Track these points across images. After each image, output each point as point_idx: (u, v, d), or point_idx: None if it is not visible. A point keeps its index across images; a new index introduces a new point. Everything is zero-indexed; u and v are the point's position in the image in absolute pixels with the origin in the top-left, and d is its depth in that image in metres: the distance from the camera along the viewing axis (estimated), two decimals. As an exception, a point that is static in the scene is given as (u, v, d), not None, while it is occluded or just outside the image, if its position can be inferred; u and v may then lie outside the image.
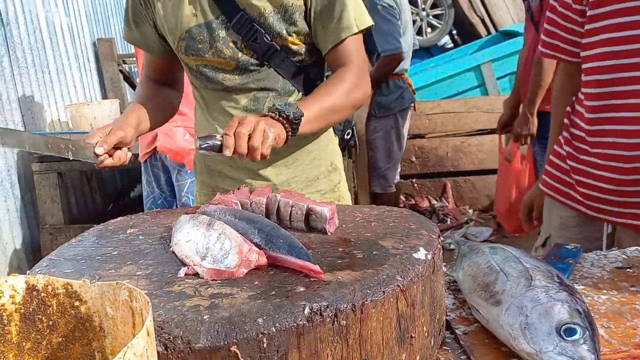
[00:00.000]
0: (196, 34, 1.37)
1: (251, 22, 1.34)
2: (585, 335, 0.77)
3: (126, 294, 0.62)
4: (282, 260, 0.80)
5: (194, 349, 0.64)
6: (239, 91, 1.43)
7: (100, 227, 1.05)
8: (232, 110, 1.45)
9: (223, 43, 1.37)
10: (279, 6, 1.34)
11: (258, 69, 1.40)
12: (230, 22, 1.35)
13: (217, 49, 1.37)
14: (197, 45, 1.38)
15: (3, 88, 3.67)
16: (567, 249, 1.20)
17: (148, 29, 1.46)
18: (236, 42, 1.37)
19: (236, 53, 1.38)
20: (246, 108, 1.44)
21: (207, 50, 1.38)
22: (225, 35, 1.37)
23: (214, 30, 1.36)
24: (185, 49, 1.40)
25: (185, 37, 1.38)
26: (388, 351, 0.73)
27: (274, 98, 1.43)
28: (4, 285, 0.66)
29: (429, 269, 0.81)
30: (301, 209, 0.95)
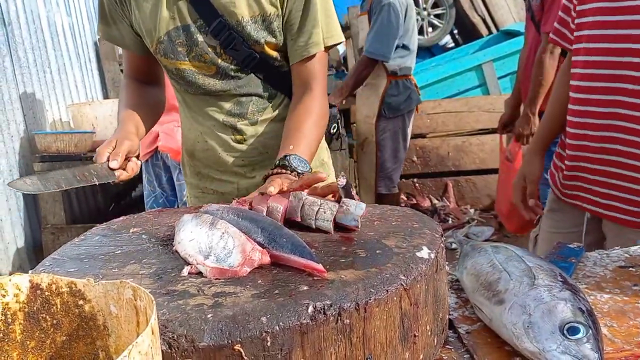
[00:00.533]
0: (175, 37, 1.35)
1: (229, 29, 1.33)
2: (588, 334, 0.77)
3: (130, 293, 0.62)
4: (285, 259, 0.80)
5: (198, 347, 0.64)
6: (221, 96, 1.42)
7: (103, 227, 1.05)
8: (216, 114, 1.44)
9: (202, 47, 1.36)
10: (257, 15, 1.33)
11: (239, 75, 1.39)
12: (209, 28, 1.33)
13: (197, 53, 1.36)
14: (177, 49, 1.36)
15: (5, 88, 3.67)
16: (570, 247, 1.20)
17: (124, 27, 1.43)
18: (215, 47, 1.36)
19: (215, 58, 1.37)
20: (230, 112, 1.43)
21: (186, 53, 1.37)
22: (203, 40, 1.35)
23: (192, 34, 1.35)
24: (164, 52, 1.38)
25: (163, 40, 1.36)
26: (391, 350, 0.73)
27: (257, 101, 1.43)
28: (8, 284, 0.66)
29: (432, 267, 0.81)
30: (331, 209, 0.92)
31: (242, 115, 1.43)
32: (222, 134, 1.45)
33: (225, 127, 1.45)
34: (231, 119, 1.44)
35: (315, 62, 1.38)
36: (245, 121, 1.44)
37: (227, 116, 1.43)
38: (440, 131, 4.70)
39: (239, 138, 1.46)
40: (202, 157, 1.52)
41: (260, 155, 1.47)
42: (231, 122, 1.44)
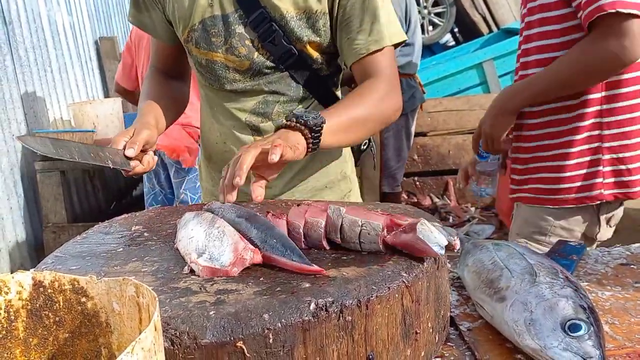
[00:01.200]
0: (210, 26, 1.28)
1: (271, 21, 1.25)
2: (590, 331, 0.77)
3: (133, 290, 0.62)
4: (276, 260, 0.79)
5: (200, 344, 0.64)
6: (248, 93, 1.34)
7: (105, 224, 1.06)
8: (238, 112, 1.36)
9: (239, 40, 1.28)
10: (303, 11, 1.26)
11: (272, 72, 1.32)
12: (248, 19, 1.26)
13: (232, 46, 1.28)
14: (211, 39, 1.29)
15: (6, 87, 3.67)
16: (571, 245, 1.20)
17: (157, 13, 1.36)
18: (253, 40, 1.28)
19: (252, 52, 1.29)
20: (254, 111, 1.35)
21: (220, 45, 1.29)
22: (242, 31, 1.27)
23: (230, 24, 1.27)
24: (197, 40, 1.30)
25: (197, 28, 1.29)
26: (393, 347, 0.73)
27: (284, 103, 1.34)
28: (11, 281, 0.66)
29: (434, 265, 0.81)
30: (375, 228, 0.81)
31: (266, 116, 1.35)
32: (243, 134, 1.37)
33: (246, 127, 1.36)
34: (254, 118, 1.35)
35: (379, 59, 1.26)
36: (268, 122, 1.35)
37: (251, 115, 1.35)
38: (441, 129, 4.70)
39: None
40: (219, 160, 1.43)
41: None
42: (254, 121, 1.35)
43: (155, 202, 3.07)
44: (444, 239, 0.77)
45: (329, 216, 0.85)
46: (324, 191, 1.42)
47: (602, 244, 1.48)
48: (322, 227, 0.84)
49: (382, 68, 1.26)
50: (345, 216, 0.83)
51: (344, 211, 0.84)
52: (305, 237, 0.86)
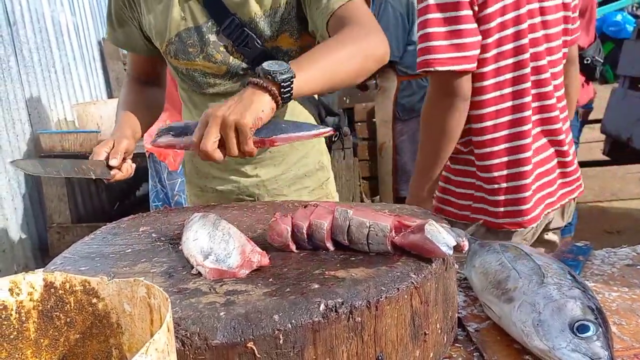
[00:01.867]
0: (186, 38, 1.35)
1: (242, 26, 1.32)
2: (598, 332, 0.77)
3: (144, 291, 0.62)
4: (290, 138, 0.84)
5: (211, 345, 0.64)
6: (229, 94, 1.38)
7: (113, 225, 1.06)
8: None
9: (214, 47, 1.35)
10: (270, 8, 1.32)
11: (248, 73, 1.38)
12: (220, 27, 1.33)
13: (208, 53, 1.35)
14: (188, 49, 1.36)
15: (10, 87, 3.68)
16: (577, 246, 1.20)
17: (132, 29, 1.43)
18: (227, 46, 1.35)
19: (227, 57, 1.36)
20: None
21: (197, 54, 1.36)
22: (215, 39, 1.34)
23: (204, 34, 1.34)
24: (175, 52, 1.37)
25: (174, 41, 1.36)
26: (402, 348, 0.73)
27: None
28: (22, 282, 0.67)
29: (442, 266, 0.81)
30: (382, 230, 0.81)
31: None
32: None
33: None
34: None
35: (348, 12, 1.20)
36: None
37: None
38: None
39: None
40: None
41: (262, 153, 1.46)
42: None
43: (158, 200, 3.11)
44: (452, 240, 0.78)
45: (336, 218, 0.85)
46: (303, 179, 1.53)
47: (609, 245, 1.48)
48: (324, 229, 0.84)
49: (356, 17, 1.19)
50: (353, 218, 0.83)
51: (351, 213, 0.84)
52: (310, 238, 0.86)
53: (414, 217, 0.87)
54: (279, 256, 0.84)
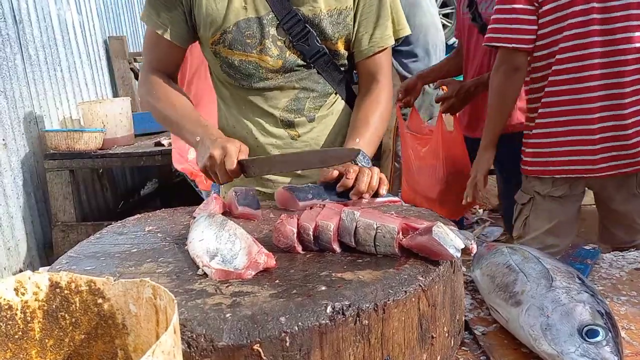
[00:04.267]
0: (245, 28, 1.32)
1: (304, 22, 1.31)
2: (607, 336, 0.76)
3: (150, 292, 0.61)
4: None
5: (217, 347, 0.64)
6: (280, 90, 1.39)
7: (119, 225, 1.06)
8: (271, 109, 1.40)
9: (272, 41, 1.33)
10: (335, 8, 1.33)
11: (302, 70, 1.38)
12: (282, 20, 1.31)
13: (265, 46, 1.33)
14: (245, 40, 1.32)
15: (16, 85, 3.69)
16: (585, 249, 1.19)
17: (178, 14, 1.36)
18: (284, 41, 1.34)
19: (284, 52, 1.34)
20: (287, 108, 1.40)
21: (255, 46, 1.33)
22: (274, 33, 1.33)
23: (264, 26, 1.32)
24: (230, 42, 1.33)
25: (231, 30, 1.32)
26: (409, 351, 0.73)
27: (314, 98, 1.41)
28: (28, 282, 0.66)
29: (450, 269, 0.80)
30: (390, 232, 0.81)
31: (299, 112, 1.41)
32: (276, 129, 1.42)
33: (281, 122, 1.42)
34: (288, 114, 1.41)
35: (384, 54, 1.41)
36: (302, 117, 1.42)
37: (284, 112, 1.41)
38: (449, 131, 4.67)
39: (293, 134, 1.43)
40: (249, 155, 1.42)
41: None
42: (288, 117, 1.41)
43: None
44: (460, 242, 0.77)
45: (343, 219, 0.84)
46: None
47: (616, 249, 1.47)
48: (331, 231, 0.84)
49: (384, 65, 1.43)
50: (360, 219, 0.83)
51: (358, 215, 0.83)
52: (316, 239, 0.85)
53: (421, 219, 0.86)
54: (285, 257, 0.84)
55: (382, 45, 1.38)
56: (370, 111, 1.38)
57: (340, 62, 1.41)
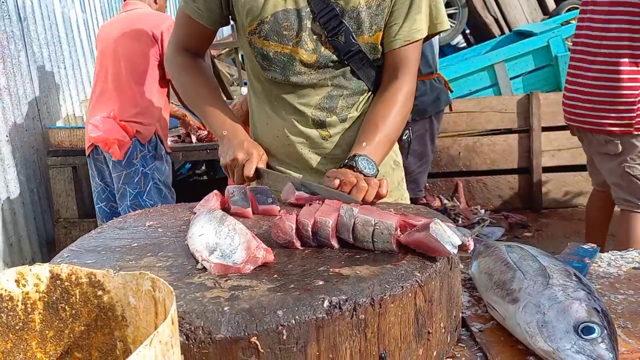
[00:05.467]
0: (283, 20, 1.30)
1: (340, 16, 1.29)
2: (603, 334, 0.77)
3: (149, 284, 0.62)
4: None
5: (215, 339, 0.65)
6: (313, 87, 1.37)
7: (120, 220, 1.06)
8: (303, 107, 1.37)
9: (308, 34, 1.31)
10: (373, 0, 1.30)
11: (336, 66, 1.35)
12: (319, 14, 1.29)
13: (302, 39, 1.31)
14: (282, 32, 1.30)
15: (20, 82, 3.70)
16: (584, 248, 1.19)
17: (214, 1, 1.35)
18: (320, 35, 1.31)
19: (319, 47, 1.32)
20: (319, 106, 1.37)
21: (291, 38, 1.31)
22: (311, 26, 1.31)
23: (302, 18, 1.30)
24: (267, 33, 1.31)
25: (269, 21, 1.30)
26: (406, 346, 0.73)
27: (347, 96, 1.38)
28: (29, 273, 0.67)
29: (447, 265, 0.81)
30: (388, 228, 0.82)
31: (331, 110, 1.38)
32: (307, 128, 1.39)
33: (312, 121, 1.38)
34: (319, 112, 1.38)
35: (412, 48, 1.35)
36: (334, 117, 1.38)
37: (316, 110, 1.38)
38: (451, 131, 4.68)
39: (324, 134, 1.39)
40: (280, 153, 1.43)
41: (344, 153, 1.38)
42: (319, 116, 1.38)
43: (100, 200, 3.11)
44: (457, 239, 0.78)
45: (341, 216, 0.85)
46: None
47: (615, 248, 1.48)
48: (330, 227, 0.84)
49: (412, 61, 1.37)
50: (358, 216, 0.83)
51: (356, 211, 0.84)
52: (314, 235, 0.86)
53: (419, 216, 0.87)
54: (284, 253, 0.84)
55: (409, 39, 1.32)
56: (383, 113, 1.33)
57: (376, 57, 1.37)
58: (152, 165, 2.93)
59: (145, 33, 2.86)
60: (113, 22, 3.17)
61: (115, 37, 2.92)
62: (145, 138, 2.88)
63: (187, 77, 1.44)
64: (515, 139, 4.57)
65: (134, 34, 2.86)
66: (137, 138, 2.87)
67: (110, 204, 3.07)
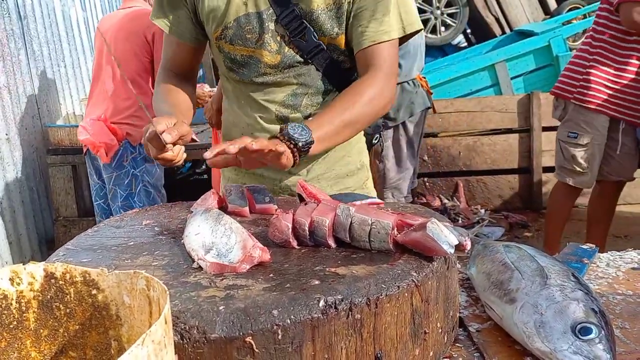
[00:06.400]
0: (245, 24, 1.33)
1: (301, 17, 1.31)
2: (600, 334, 0.76)
3: (143, 283, 0.62)
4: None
5: (210, 339, 0.64)
6: (278, 85, 1.39)
7: (117, 218, 1.06)
8: (268, 104, 1.40)
9: (271, 36, 1.34)
10: (332, 3, 1.32)
11: (300, 65, 1.37)
12: (280, 16, 1.32)
13: (265, 41, 1.34)
14: (245, 35, 1.34)
15: (20, 81, 3.70)
16: (582, 248, 1.19)
17: (184, 13, 1.39)
18: (283, 36, 1.34)
19: (282, 47, 1.35)
20: (283, 103, 1.40)
21: (254, 41, 1.34)
22: (274, 28, 1.33)
23: (264, 21, 1.33)
24: (231, 38, 1.35)
25: (232, 26, 1.34)
26: (402, 346, 0.73)
27: (312, 95, 1.40)
28: (23, 272, 0.67)
29: (444, 265, 0.81)
30: (384, 227, 0.81)
31: (295, 108, 1.40)
32: (271, 125, 1.42)
33: (276, 118, 1.41)
34: (284, 109, 1.40)
35: (382, 48, 1.32)
36: (298, 114, 1.41)
37: (280, 106, 1.40)
38: (451, 130, 4.67)
39: None
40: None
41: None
42: (283, 113, 1.41)
43: (99, 197, 3.12)
44: (454, 239, 0.77)
45: (338, 215, 0.85)
46: (345, 179, 1.51)
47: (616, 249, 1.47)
48: (326, 226, 0.84)
49: (383, 60, 1.32)
50: (355, 215, 0.83)
51: (353, 210, 0.84)
52: (311, 235, 0.86)
53: (417, 215, 0.86)
54: (280, 252, 0.84)
55: (376, 40, 1.31)
56: (346, 100, 1.28)
57: (341, 59, 1.39)
58: (143, 167, 2.92)
59: (138, 34, 2.84)
60: (111, 17, 3.15)
61: (110, 36, 2.92)
62: (137, 140, 2.86)
63: (157, 96, 1.43)
64: (515, 138, 4.57)
65: (127, 34, 2.85)
66: (127, 140, 2.86)
67: (109, 202, 3.08)
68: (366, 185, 1.57)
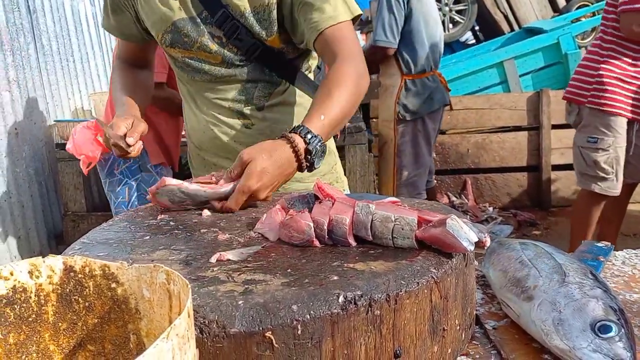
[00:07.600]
0: (181, 27, 1.38)
1: (233, 19, 1.34)
2: (620, 332, 0.76)
3: (163, 277, 0.62)
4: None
5: (229, 333, 0.64)
6: (227, 82, 1.43)
7: (132, 212, 1.06)
8: (220, 101, 1.45)
9: (208, 38, 1.38)
10: (259, 6, 1.34)
11: (244, 64, 1.41)
12: (214, 18, 1.35)
13: (203, 44, 1.38)
14: (183, 39, 1.39)
15: (28, 75, 3.71)
16: (598, 246, 1.18)
17: (126, 17, 1.46)
18: (220, 37, 1.38)
19: (221, 48, 1.38)
20: (235, 99, 1.44)
21: (192, 43, 1.39)
22: (210, 30, 1.37)
23: (198, 25, 1.37)
24: (171, 41, 1.40)
25: (170, 30, 1.39)
26: (421, 343, 0.73)
27: (262, 87, 1.44)
28: (42, 265, 0.67)
29: (462, 262, 0.80)
30: (409, 223, 0.80)
31: (248, 101, 1.44)
32: (230, 119, 1.46)
33: (232, 112, 1.45)
34: (237, 104, 1.44)
35: (334, 35, 1.29)
36: (251, 106, 1.45)
37: (233, 102, 1.44)
38: (460, 128, 4.66)
39: (247, 122, 1.46)
40: (209, 147, 1.52)
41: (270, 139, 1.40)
42: (237, 107, 1.45)
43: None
44: (474, 235, 0.77)
45: (357, 213, 0.83)
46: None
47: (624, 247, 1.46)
48: (346, 224, 0.82)
49: (342, 43, 1.28)
50: (377, 212, 0.81)
51: (373, 208, 0.83)
52: (330, 234, 0.84)
53: (434, 212, 0.86)
54: (297, 248, 0.84)
55: (322, 27, 1.28)
56: (334, 86, 1.23)
57: (281, 53, 1.41)
58: (139, 176, 2.88)
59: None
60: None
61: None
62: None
63: (113, 83, 1.55)
64: (524, 136, 4.56)
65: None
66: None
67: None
68: (335, 170, 1.59)
